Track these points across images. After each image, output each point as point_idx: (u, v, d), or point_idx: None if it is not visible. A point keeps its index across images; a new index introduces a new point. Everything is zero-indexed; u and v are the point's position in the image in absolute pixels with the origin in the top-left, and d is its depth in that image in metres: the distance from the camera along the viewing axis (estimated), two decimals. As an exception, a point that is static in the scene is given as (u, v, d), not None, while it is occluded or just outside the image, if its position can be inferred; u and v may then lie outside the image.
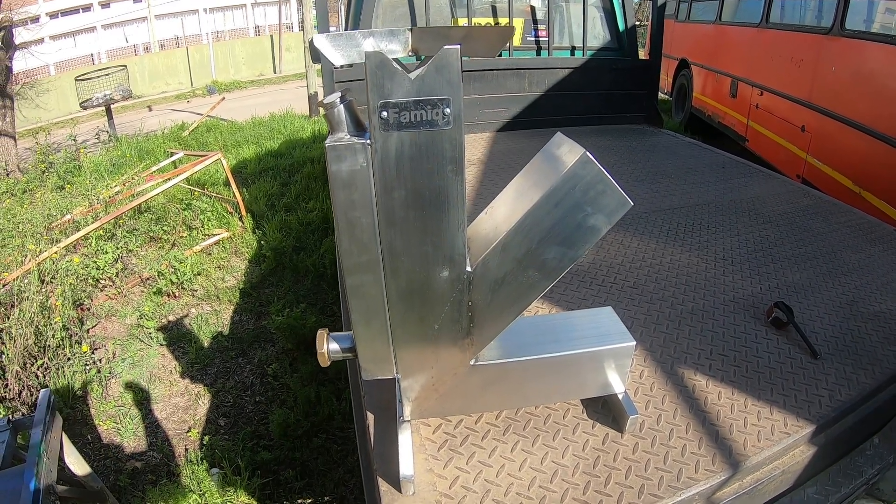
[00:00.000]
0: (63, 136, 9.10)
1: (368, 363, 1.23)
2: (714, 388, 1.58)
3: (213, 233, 5.74)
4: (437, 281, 1.11)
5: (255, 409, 3.68)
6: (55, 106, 16.33)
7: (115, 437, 3.40)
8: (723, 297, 2.04)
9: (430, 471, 1.30)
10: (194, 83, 20.60)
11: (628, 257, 2.37)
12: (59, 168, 7.54)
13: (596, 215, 1.08)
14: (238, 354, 4.18)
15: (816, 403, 1.52)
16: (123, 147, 8.85)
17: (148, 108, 16.54)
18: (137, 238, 5.53)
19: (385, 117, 0.94)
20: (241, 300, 4.83)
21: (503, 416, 1.45)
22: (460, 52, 0.90)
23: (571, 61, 4.54)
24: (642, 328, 1.86)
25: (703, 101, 7.19)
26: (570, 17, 4.64)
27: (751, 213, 2.78)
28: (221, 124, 10.80)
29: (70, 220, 5.30)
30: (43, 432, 2.06)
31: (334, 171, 1.00)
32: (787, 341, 1.79)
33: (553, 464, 1.31)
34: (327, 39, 0.98)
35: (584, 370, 1.37)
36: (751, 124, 5.76)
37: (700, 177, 3.34)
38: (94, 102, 9.57)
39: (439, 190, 1.01)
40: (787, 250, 2.39)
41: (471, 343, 1.21)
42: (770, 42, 5.40)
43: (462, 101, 0.95)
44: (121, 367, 3.94)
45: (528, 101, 4.51)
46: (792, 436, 1.41)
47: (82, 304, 4.38)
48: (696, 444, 1.38)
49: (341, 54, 1.00)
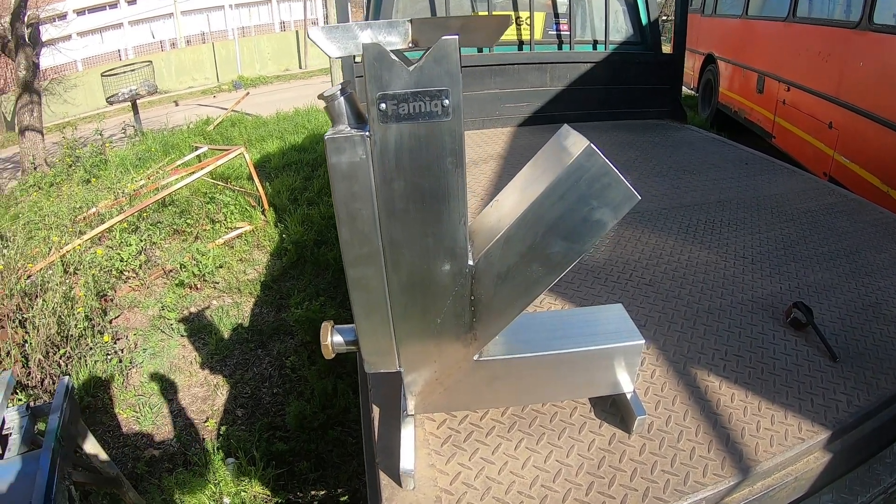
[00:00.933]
0: (90, 131, 9.30)
1: (371, 356, 1.23)
2: (727, 389, 1.54)
3: (235, 226, 5.81)
4: (439, 274, 1.10)
5: (273, 400, 3.72)
6: (83, 101, 16.72)
7: (134, 426, 3.46)
8: (741, 297, 1.99)
9: (432, 466, 1.29)
10: (220, 78, 20.87)
11: (645, 254, 2.32)
12: (85, 162, 7.70)
13: (602, 209, 1.06)
14: (257, 346, 4.22)
15: (833, 408, 1.47)
16: (149, 141, 9.01)
17: (174, 104, 16.82)
18: (161, 231, 5.62)
19: (383, 109, 0.93)
20: (261, 293, 4.88)
21: (509, 412, 1.43)
22: (459, 43, 0.88)
23: (593, 55, 4.47)
24: (656, 326, 1.82)
25: (730, 96, 7.03)
26: (593, 10, 4.57)
27: (773, 210, 2.71)
28: (246, 119, 10.93)
29: (95, 213, 5.41)
30: (60, 419, 2.10)
31: (334, 163, 0.99)
32: (805, 343, 1.73)
33: (557, 463, 1.28)
34: (322, 32, 0.97)
35: (591, 368, 1.34)
36: (777, 120, 5.61)
37: (722, 173, 3.26)
38: (120, 98, 9.75)
39: (439, 182, 1.00)
40: (809, 249, 2.32)
41: (474, 338, 1.20)
42: (797, 36, 5.25)
43: (461, 92, 0.93)
44: (142, 357, 4.01)
45: (549, 96, 4.46)
46: (806, 441, 1.36)
47: (106, 294, 4.47)
48: (706, 447, 1.34)
49: (337, 46, 0.99)
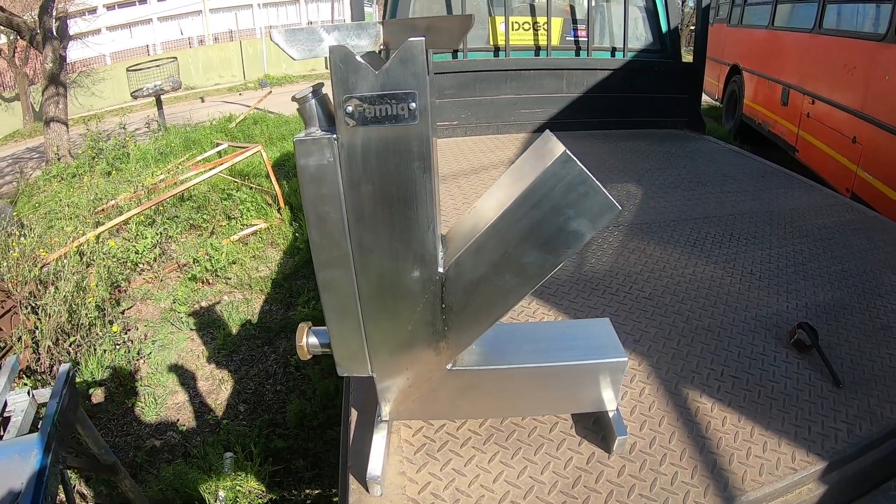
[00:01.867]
0: (115, 124, 9.49)
1: (343, 360, 1.21)
2: (719, 412, 1.47)
3: (251, 223, 5.86)
4: (408, 280, 1.07)
5: (275, 397, 3.73)
6: (110, 94, 17.09)
7: (138, 415, 3.50)
8: (744, 315, 1.92)
9: (402, 473, 1.26)
10: (247, 76, 21.17)
11: (648, 266, 2.26)
12: (108, 154, 7.85)
13: (578, 219, 1.02)
14: (264, 343, 4.25)
15: (832, 437, 1.39)
16: (171, 136, 9.16)
17: (200, 100, 17.10)
18: (178, 225, 5.70)
19: (350, 112, 0.92)
20: (272, 290, 4.91)
21: (487, 424, 1.40)
22: (425, 44, 0.86)
23: (611, 62, 4.41)
24: (651, 342, 1.77)
25: (754, 108, 6.88)
26: (612, 16, 4.50)
27: (787, 225, 2.62)
28: (269, 117, 11.05)
29: (114, 205, 5.51)
30: (58, 404, 2.13)
31: (302, 165, 0.98)
32: (807, 366, 1.65)
33: (530, 479, 1.24)
34: (284, 35, 0.96)
35: (571, 383, 1.30)
36: (801, 134, 5.47)
37: (738, 185, 3.17)
38: (145, 92, 9.94)
39: (407, 187, 0.98)
40: (820, 267, 2.23)
41: (446, 346, 1.17)
42: (823, 48, 5.11)
43: (429, 95, 0.91)
44: (150, 348, 4.06)
45: (565, 103, 4.41)
46: (799, 472, 1.29)
47: (119, 286, 4.54)
48: (690, 472, 1.28)
49: (300, 49, 0.98)
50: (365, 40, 0.99)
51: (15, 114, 15.99)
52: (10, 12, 9.07)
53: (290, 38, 0.96)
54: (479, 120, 4.35)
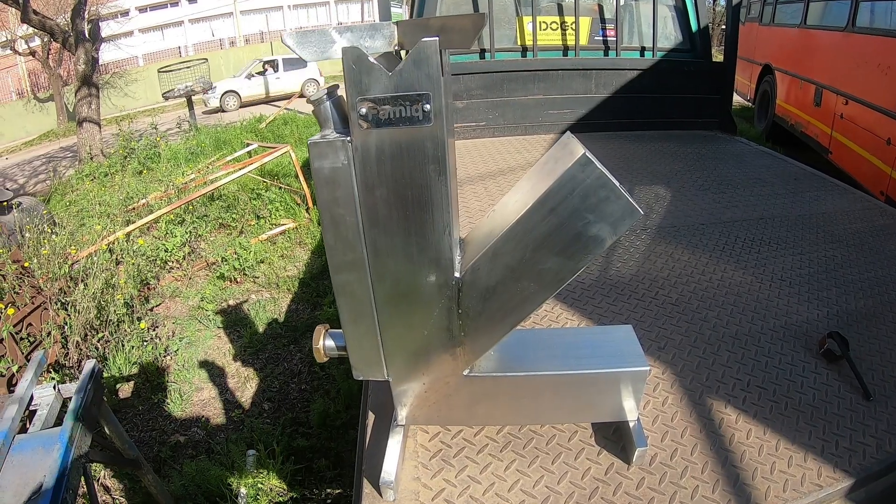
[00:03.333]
0: (147, 124, 9.72)
1: (358, 363, 1.20)
2: (744, 424, 1.42)
3: (279, 223, 5.93)
4: (424, 285, 1.06)
5: (300, 396, 3.76)
6: (142, 95, 17.52)
7: (163, 411, 3.57)
8: (773, 322, 1.86)
9: (416, 479, 1.25)
10: (278, 77, 21.44)
11: (675, 271, 2.21)
12: (139, 154, 8.04)
13: (598, 224, 0.99)
14: (290, 342, 4.28)
15: (860, 453, 1.33)
16: (202, 136, 9.33)
17: (232, 100, 17.38)
18: (207, 224, 5.80)
19: (363, 114, 0.91)
20: (299, 290, 4.96)
21: (504, 431, 1.38)
22: (439, 45, 0.84)
23: (641, 62, 4.33)
24: (676, 350, 1.72)
25: (787, 109, 6.68)
26: (640, 16, 4.43)
27: (819, 230, 2.54)
28: (298, 117, 11.19)
29: (145, 204, 5.63)
30: (82, 399, 2.18)
31: (317, 167, 0.98)
32: (837, 378, 1.59)
33: (546, 489, 1.22)
34: (295, 37, 0.95)
35: (590, 392, 1.27)
36: (835, 135, 5.29)
37: (769, 188, 3.09)
38: (176, 93, 10.15)
39: (422, 190, 0.97)
40: (852, 274, 2.15)
41: (463, 352, 1.15)
42: (856, 47, 4.93)
43: (444, 96, 0.89)
44: (177, 345, 4.13)
45: (594, 103, 4.35)
46: (825, 489, 1.24)
47: (148, 283, 4.63)
48: (711, 486, 1.24)
49: (312, 51, 0.97)
50: (379, 41, 0.98)
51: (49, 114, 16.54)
52: (43, 15, 9.36)
53: (301, 40, 0.96)
54: (507, 121, 4.32)
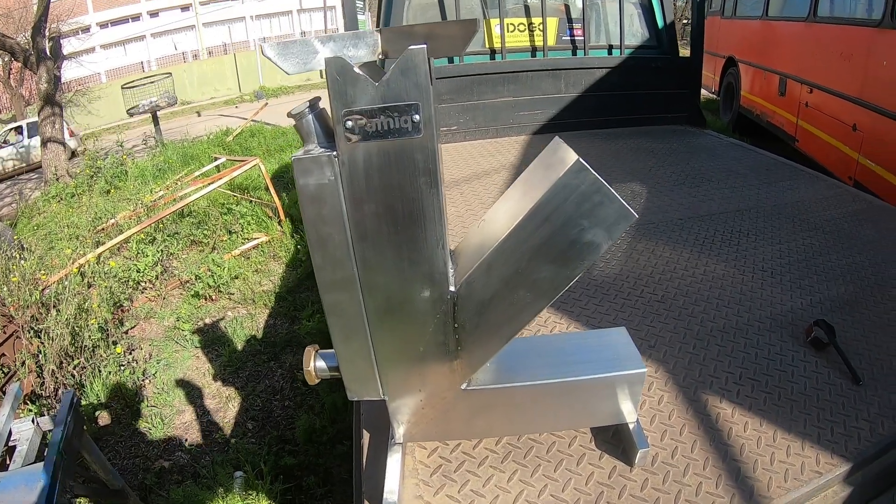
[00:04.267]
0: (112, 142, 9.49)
1: (352, 383, 1.17)
2: (740, 417, 1.43)
3: (252, 237, 5.84)
4: (418, 300, 1.03)
5: (284, 413, 3.69)
6: (106, 112, 17.12)
7: (145, 437, 3.46)
8: (758, 314, 1.88)
9: (419, 497, 1.22)
10: (242, 89, 21.20)
11: (658, 268, 2.22)
12: (106, 173, 7.84)
13: (593, 230, 0.98)
14: (270, 358, 4.21)
15: (855, 437, 1.36)
16: (168, 152, 9.15)
17: (197, 114, 17.13)
18: (178, 241, 5.67)
19: (350, 127, 0.88)
20: (276, 304, 4.88)
21: (504, 441, 1.36)
22: (427, 52, 0.82)
23: (609, 60, 4.37)
24: (666, 347, 1.73)
25: (752, 99, 6.84)
26: (607, 14, 4.47)
27: (795, 218, 2.58)
28: (266, 129, 11.04)
29: (114, 224, 5.49)
30: (63, 432, 2.11)
31: (302, 185, 0.94)
32: (826, 364, 1.62)
33: (551, 498, 1.20)
34: (276, 48, 0.91)
35: (588, 397, 1.26)
36: (800, 124, 5.42)
37: (742, 180, 3.14)
38: (140, 109, 9.92)
39: (413, 204, 0.94)
40: (832, 260, 2.19)
41: (460, 366, 1.13)
42: (818, 37, 5.07)
43: (433, 105, 0.86)
44: (155, 368, 4.02)
45: (564, 103, 4.38)
46: (825, 475, 1.26)
47: (122, 305, 4.51)
48: (714, 482, 1.24)
49: (294, 63, 0.93)
50: (363, 50, 0.94)
51: (12, 135, 16.00)
52: (2, 34, 9.08)
53: (282, 51, 0.92)
54: (478, 124, 4.32)
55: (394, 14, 4.03)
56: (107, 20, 23.07)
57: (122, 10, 23.39)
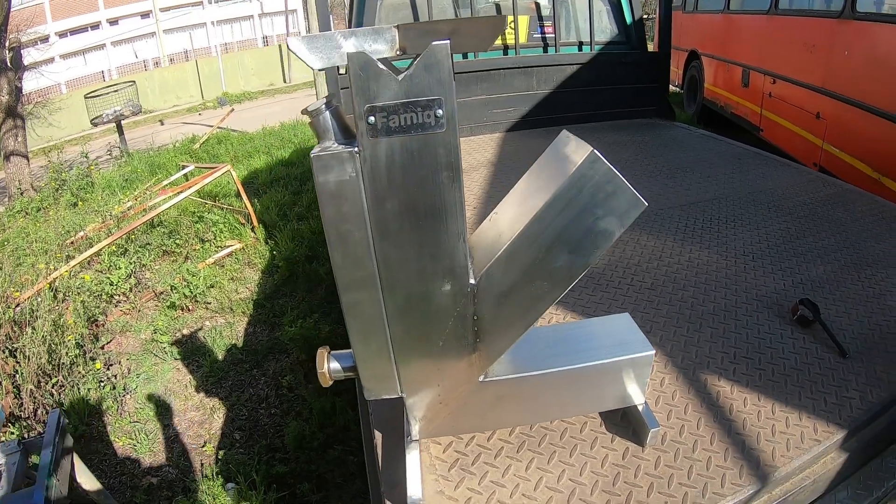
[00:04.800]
0: (76, 154, 9.22)
1: (370, 382, 1.17)
2: (739, 394, 1.49)
3: (225, 244, 5.75)
4: (438, 295, 1.05)
5: (271, 421, 3.65)
6: (68, 124, 16.57)
7: (130, 454, 3.38)
8: (745, 296, 1.96)
9: (440, 492, 1.23)
10: (205, 95, 20.78)
11: (644, 257, 2.28)
12: (72, 185, 7.62)
13: (607, 218, 1.01)
14: (252, 367, 4.15)
15: (847, 406, 1.43)
16: (135, 162, 8.93)
17: (160, 123, 16.73)
18: (150, 252, 5.55)
19: (372, 122, 0.88)
20: (254, 312, 4.82)
21: (517, 432, 1.38)
22: (450, 48, 0.83)
23: (579, 57, 4.45)
24: (661, 332, 1.78)
25: (715, 91, 7.04)
26: (577, 12, 4.56)
27: (770, 205, 2.68)
28: (232, 135, 10.86)
29: (83, 237, 5.33)
30: (52, 453, 2.05)
31: (321, 182, 0.94)
32: (813, 340, 1.70)
33: (570, 482, 1.23)
34: (303, 42, 0.91)
35: (601, 382, 1.29)
36: (764, 113, 5.62)
37: (716, 170, 3.24)
38: (105, 119, 9.65)
39: (435, 198, 0.95)
40: (809, 243, 2.29)
41: (478, 359, 1.15)
42: (780, 29, 5.26)
43: (455, 101, 0.88)
44: (135, 382, 3.93)
45: (536, 100, 4.44)
46: (823, 443, 1.33)
47: (97, 320, 4.39)
48: (722, 455, 1.29)
49: (320, 57, 0.93)
50: (382, 45, 0.94)
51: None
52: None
53: (309, 45, 0.91)
54: None
55: (366, 14, 4.02)
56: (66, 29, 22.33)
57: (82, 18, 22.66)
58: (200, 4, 24.30)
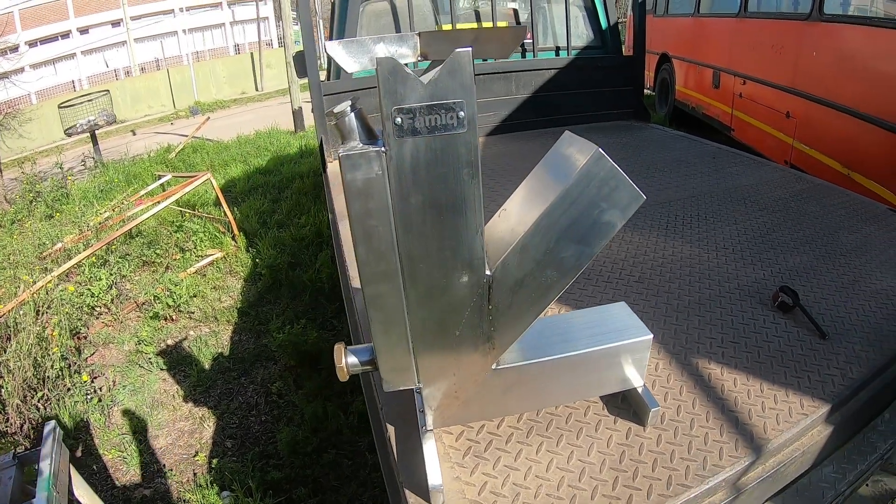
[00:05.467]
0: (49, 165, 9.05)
1: (389, 374, 1.22)
2: (729, 375, 1.59)
3: (206, 253, 5.71)
4: (457, 286, 1.11)
5: (262, 428, 3.65)
6: (39, 135, 16.21)
7: (121, 466, 3.35)
8: (728, 286, 2.06)
9: (457, 479, 1.29)
10: (177, 105, 20.51)
11: (631, 252, 2.38)
12: (46, 197, 7.49)
13: (611, 211, 1.09)
14: (240, 374, 4.14)
15: (830, 383, 1.54)
16: (110, 172, 8.80)
17: (132, 133, 16.46)
18: (130, 263, 5.49)
19: (399, 123, 0.94)
20: (239, 320, 4.80)
21: (524, 418, 1.45)
22: (472, 55, 0.90)
23: (557, 61, 4.57)
24: (652, 321, 1.87)
25: (687, 93, 7.25)
26: (553, 17, 4.67)
27: (746, 201, 2.81)
28: (207, 144, 10.76)
29: (61, 249, 5.25)
30: (51, 466, 2.03)
31: (349, 179, 0.99)
32: (794, 324, 1.81)
33: (580, 462, 1.30)
34: (341, 47, 0.97)
35: (603, 366, 1.37)
36: (735, 113, 5.82)
37: (692, 168, 3.36)
38: (79, 129, 9.47)
39: (456, 194, 1.01)
40: (785, 235, 2.41)
41: (492, 347, 1.21)
42: (750, 31, 5.47)
43: (476, 103, 0.94)
44: (122, 394, 3.89)
45: (515, 104, 4.53)
46: (809, 416, 1.43)
47: (79, 332, 4.33)
48: (718, 431, 1.38)
49: (354, 61, 0.99)
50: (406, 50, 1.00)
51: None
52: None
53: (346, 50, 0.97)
54: None
55: (348, 21, 4.07)
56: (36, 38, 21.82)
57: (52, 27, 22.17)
58: (171, 13, 24.00)
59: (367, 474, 3.08)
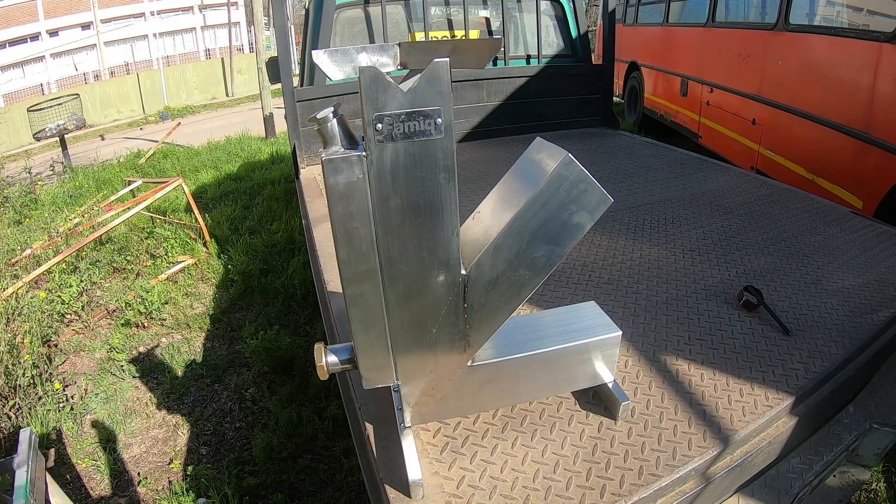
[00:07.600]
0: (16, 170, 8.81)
1: (369, 372, 1.25)
2: (696, 370, 1.66)
3: (177, 260, 5.64)
4: (434, 285, 1.15)
5: (237, 434, 3.62)
6: (6, 139, 15.79)
7: (95, 475, 3.29)
8: (694, 286, 2.14)
9: (435, 474, 1.32)
10: (146, 110, 20.16)
11: (600, 255, 2.45)
12: (15, 202, 7.31)
13: (580, 213, 1.14)
14: (214, 381, 4.11)
15: (793, 376, 1.62)
16: (80, 178, 8.62)
17: (101, 138, 16.11)
18: (101, 270, 5.40)
19: (380, 129, 0.98)
20: (211, 326, 4.76)
21: (499, 414, 1.49)
22: (449, 65, 0.94)
23: (527, 70, 4.66)
24: (621, 320, 1.93)
25: (655, 101, 7.42)
26: (524, 26, 4.76)
27: (712, 205, 2.91)
28: (178, 150, 10.62)
29: (31, 255, 5.14)
30: (27, 473, 2.00)
31: (331, 183, 1.03)
32: (759, 322, 1.89)
33: (554, 455, 1.35)
34: (326, 55, 1.01)
35: (574, 363, 1.42)
36: (702, 121, 5.98)
37: (660, 174, 3.46)
38: (48, 133, 9.26)
39: (433, 197, 1.06)
40: (750, 238, 2.51)
41: (468, 345, 1.25)
42: (717, 40, 5.64)
43: (452, 111, 0.99)
44: (94, 402, 3.82)
45: (487, 111, 4.61)
46: (774, 408, 1.50)
47: (49, 340, 4.25)
48: (687, 423, 1.45)
49: (338, 69, 1.03)
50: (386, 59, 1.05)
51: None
52: None
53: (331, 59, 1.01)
54: None
55: (322, 27, 4.09)
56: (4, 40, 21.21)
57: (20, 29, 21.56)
58: (142, 16, 23.60)
59: (343, 478, 3.09)
